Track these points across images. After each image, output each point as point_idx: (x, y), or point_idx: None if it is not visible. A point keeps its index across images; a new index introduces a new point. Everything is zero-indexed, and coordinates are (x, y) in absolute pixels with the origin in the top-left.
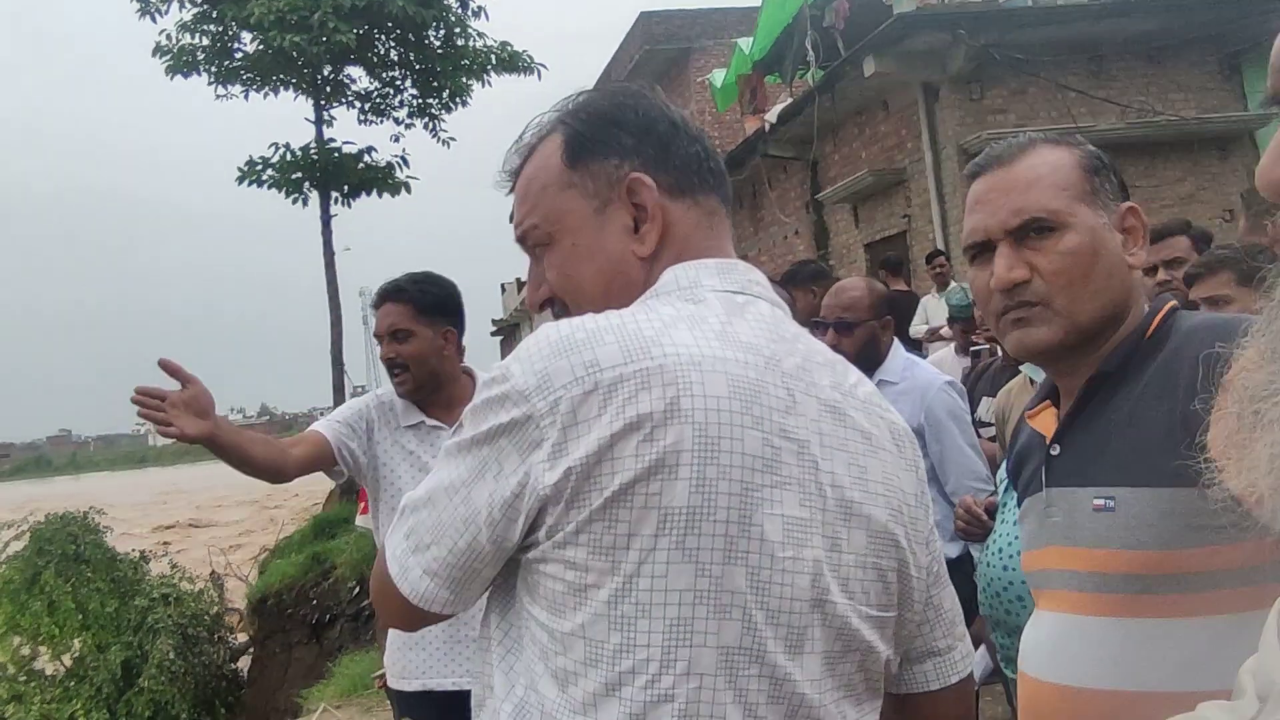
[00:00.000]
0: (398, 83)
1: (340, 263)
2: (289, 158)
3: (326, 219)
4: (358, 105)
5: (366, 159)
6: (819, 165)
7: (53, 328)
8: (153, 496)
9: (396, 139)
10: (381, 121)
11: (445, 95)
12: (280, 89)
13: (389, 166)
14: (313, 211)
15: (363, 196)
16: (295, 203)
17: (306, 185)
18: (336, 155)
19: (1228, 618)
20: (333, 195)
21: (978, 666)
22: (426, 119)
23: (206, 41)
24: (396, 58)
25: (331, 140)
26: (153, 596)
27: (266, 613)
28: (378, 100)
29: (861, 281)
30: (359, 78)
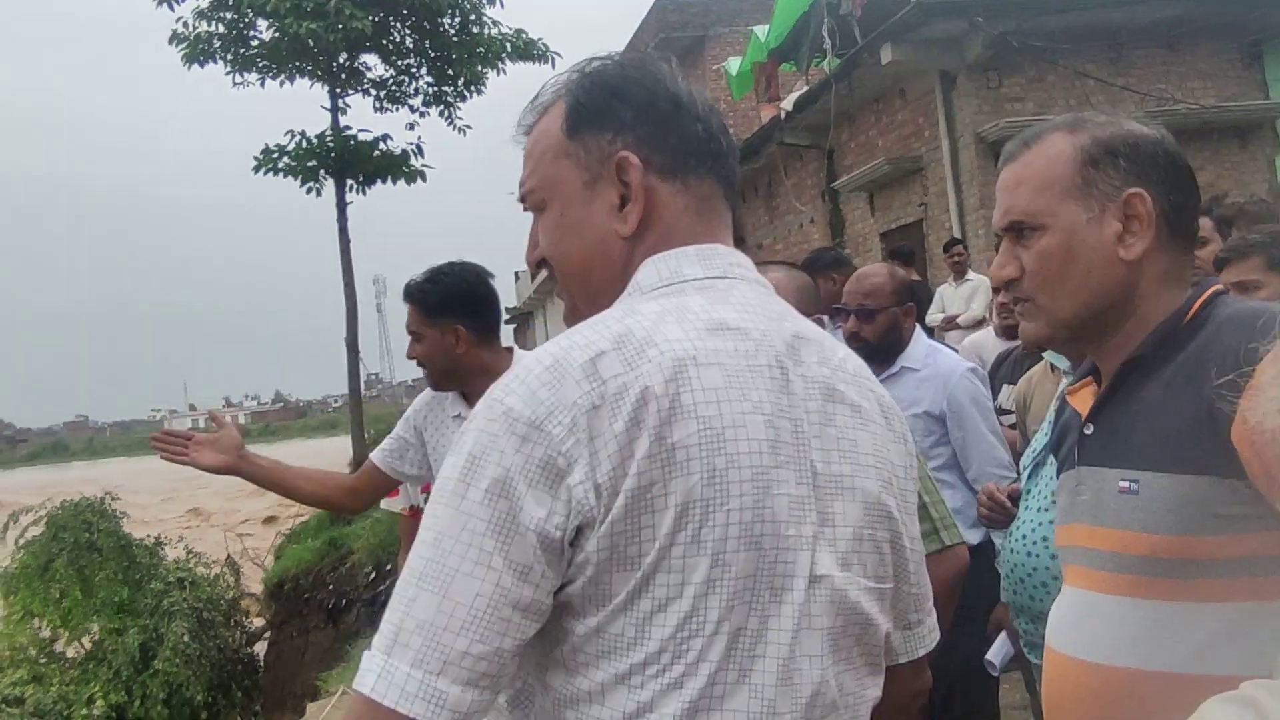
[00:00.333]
0: (413, 70)
1: (355, 250)
2: (305, 145)
3: (342, 207)
4: (373, 93)
5: (382, 147)
6: (835, 153)
7: (69, 315)
8: (169, 482)
9: (412, 127)
10: (397, 109)
11: (460, 83)
12: (296, 76)
13: (404, 154)
14: (328, 199)
15: (378, 184)
16: (310, 192)
17: (322, 173)
18: (352, 143)
19: (1240, 605)
20: (348, 183)
21: (998, 654)
22: (442, 106)
23: (222, 29)
24: (412, 45)
25: (347, 128)
26: (168, 581)
27: (283, 597)
28: (393, 88)
29: (884, 268)
30: (374, 65)
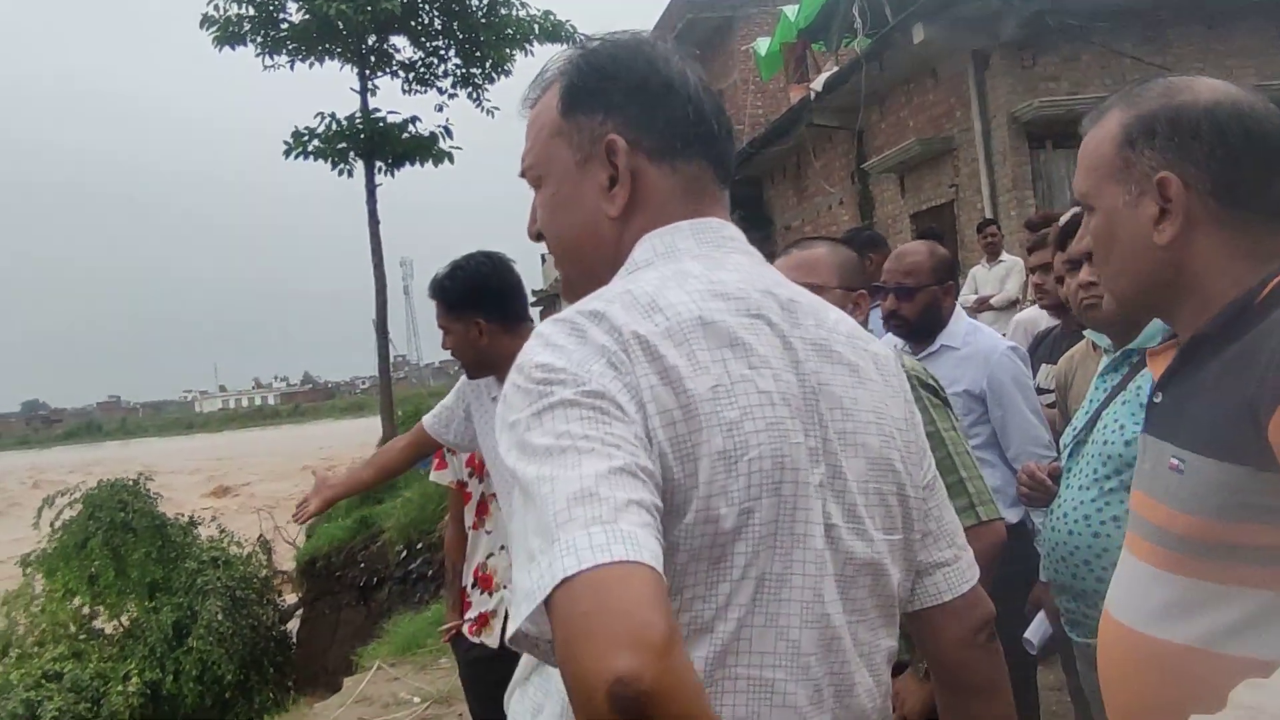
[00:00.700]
0: (441, 52)
1: (384, 232)
2: (334, 128)
3: (371, 188)
4: (402, 75)
5: (411, 129)
6: (865, 134)
7: (102, 297)
8: (202, 461)
9: (440, 109)
10: (425, 91)
11: (488, 65)
12: (325, 58)
13: (433, 136)
14: (358, 181)
15: (406, 166)
16: (341, 174)
17: (351, 155)
18: (381, 125)
19: (1268, 593)
20: (377, 165)
21: (1036, 633)
22: (470, 89)
23: (253, 11)
24: (440, 26)
25: (376, 110)
26: (201, 559)
27: (315, 575)
28: (421, 70)
29: (924, 245)
30: (403, 47)
